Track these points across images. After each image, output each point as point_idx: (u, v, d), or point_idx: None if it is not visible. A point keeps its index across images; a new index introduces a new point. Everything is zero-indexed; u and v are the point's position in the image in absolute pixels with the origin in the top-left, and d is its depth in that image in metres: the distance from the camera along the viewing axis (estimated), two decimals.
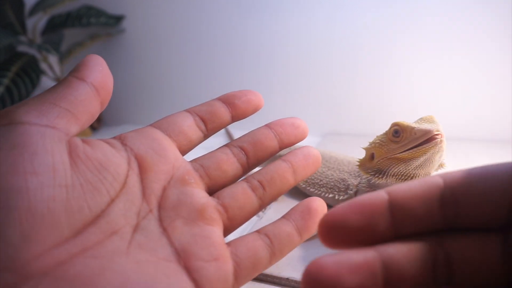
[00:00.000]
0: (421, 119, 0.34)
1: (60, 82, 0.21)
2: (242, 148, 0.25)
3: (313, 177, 0.46)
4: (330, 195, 0.43)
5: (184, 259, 0.21)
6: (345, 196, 0.42)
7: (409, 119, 0.36)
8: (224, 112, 0.26)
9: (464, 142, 0.66)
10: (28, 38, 0.85)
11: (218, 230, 0.23)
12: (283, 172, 0.25)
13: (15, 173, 0.17)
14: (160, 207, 0.22)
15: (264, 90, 0.88)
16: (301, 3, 0.76)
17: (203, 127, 0.26)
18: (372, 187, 0.37)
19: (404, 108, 0.72)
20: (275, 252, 0.23)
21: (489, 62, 0.65)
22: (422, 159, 0.31)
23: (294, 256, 0.34)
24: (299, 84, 0.81)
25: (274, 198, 0.25)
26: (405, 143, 0.31)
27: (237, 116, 0.26)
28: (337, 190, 0.43)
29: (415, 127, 0.31)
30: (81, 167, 0.19)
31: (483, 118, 0.67)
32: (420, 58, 0.70)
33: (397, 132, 0.32)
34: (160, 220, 0.22)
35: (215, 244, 0.22)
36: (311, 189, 0.45)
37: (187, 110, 0.26)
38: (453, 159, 0.59)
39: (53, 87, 0.21)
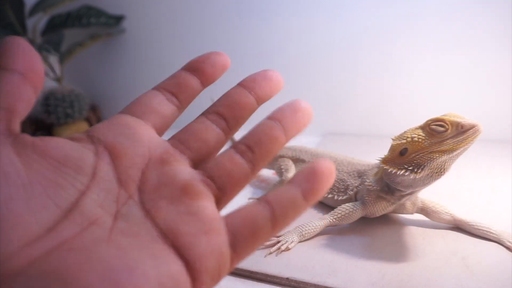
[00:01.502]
0: (445, 115, 0.35)
1: None
2: (218, 113, 0.24)
3: None
4: (329, 195, 0.43)
5: (172, 239, 0.20)
6: (344, 197, 0.41)
7: (408, 118, 0.36)
8: (192, 80, 0.25)
9: None
10: (28, 38, 0.85)
11: (207, 203, 0.21)
12: (271, 130, 0.23)
13: None
14: (140, 191, 0.21)
15: None
16: (301, 4, 0.76)
17: (174, 100, 0.24)
18: (391, 183, 0.36)
19: (404, 108, 0.72)
20: (277, 218, 0.21)
21: (489, 62, 0.65)
22: (462, 148, 0.33)
23: (294, 257, 0.34)
24: (299, 84, 0.81)
25: (266, 160, 0.23)
26: (450, 136, 0.33)
27: (207, 81, 0.25)
28: (336, 190, 0.43)
29: (462, 121, 0.33)
30: (35, 166, 0.19)
31: (483, 118, 0.67)
32: (420, 58, 0.70)
33: (441, 127, 0.33)
34: (143, 204, 0.21)
35: (205, 218, 0.21)
36: None
37: (154, 88, 0.25)
38: None
39: None
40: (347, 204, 0.38)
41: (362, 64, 0.74)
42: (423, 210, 0.39)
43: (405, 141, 0.34)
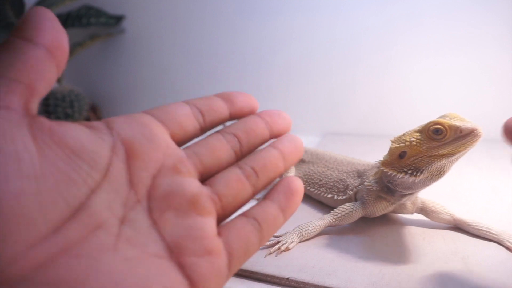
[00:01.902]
0: (445, 116, 0.34)
1: (3, 47, 0.18)
2: (235, 135, 0.24)
3: (312, 177, 0.46)
4: (329, 195, 0.43)
5: (177, 255, 0.20)
6: (344, 197, 0.41)
7: (409, 118, 0.36)
8: (223, 107, 0.25)
9: None
10: None
11: (211, 221, 0.22)
12: (275, 159, 0.24)
13: None
14: (149, 197, 0.21)
15: (265, 90, 0.89)
16: (302, 5, 0.76)
17: (200, 118, 0.24)
18: (391, 185, 0.36)
19: (404, 108, 0.72)
20: (264, 236, 0.23)
21: (489, 62, 0.65)
22: (462, 152, 0.32)
23: (294, 257, 0.34)
24: (300, 84, 0.81)
25: (265, 186, 0.24)
26: (448, 141, 0.32)
27: (235, 113, 0.25)
28: (336, 190, 0.43)
29: (461, 125, 0.31)
30: (50, 155, 0.17)
31: (483, 117, 0.67)
32: (420, 58, 0.70)
33: (438, 131, 0.32)
34: (150, 211, 0.20)
35: (208, 237, 0.21)
36: (311, 189, 0.45)
37: (185, 101, 0.24)
38: None
39: None
40: (347, 204, 0.38)
41: (362, 64, 0.74)
42: (423, 210, 0.39)
43: (403, 144, 0.34)
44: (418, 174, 0.33)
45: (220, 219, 0.23)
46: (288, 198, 0.24)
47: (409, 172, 0.33)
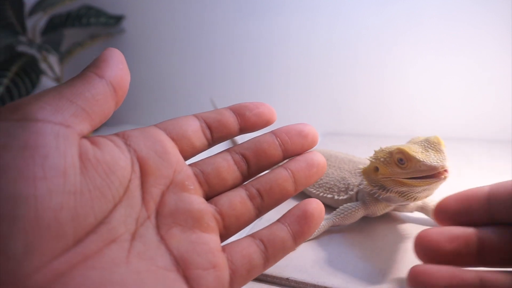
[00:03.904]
0: (427, 140, 0.32)
1: (78, 77, 0.20)
2: (244, 156, 0.24)
3: None
4: (329, 195, 0.43)
5: (183, 268, 0.21)
6: (345, 196, 0.41)
7: (409, 118, 0.36)
8: (233, 123, 0.24)
9: (464, 142, 0.66)
10: (28, 38, 0.85)
11: (215, 237, 0.22)
12: (283, 181, 0.24)
13: (24, 179, 0.16)
14: (158, 213, 0.21)
15: (265, 90, 0.89)
16: (302, 5, 0.76)
17: (208, 134, 0.24)
18: (373, 194, 0.37)
19: (404, 108, 0.72)
20: (269, 259, 0.23)
21: (489, 62, 0.65)
22: (424, 187, 0.31)
23: (294, 257, 0.34)
24: (300, 84, 0.81)
25: (271, 208, 0.24)
26: (410, 172, 0.31)
27: (246, 128, 0.25)
28: (336, 190, 0.42)
29: (421, 161, 0.30)
30: (91, 171, 0.18)
31: (483, 118, 0.67)
32: (420, 58, 0.70)
33: (402, 160, 0.31)
34: (158, 227, 0.21)
35: (213, 251, 0.22)
36: (309, 189, 0.45)
37: (195, 115, 0.24)
38: (453, 159, 0.59)
39: (70, 82, 0.20)
40: (349, 204, 0.38)
41: (362, 64, 0.74)
42: (423, 209, 0.39)
43: (377, 161, 0.34)
44: (384, 192, 0.33)
45: (222, 238, 0.23)
46: (300, 223, 0.23)
47: (376, 187, 0.34)
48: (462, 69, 0.67)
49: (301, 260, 0.33)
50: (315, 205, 0.24)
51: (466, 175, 0.52)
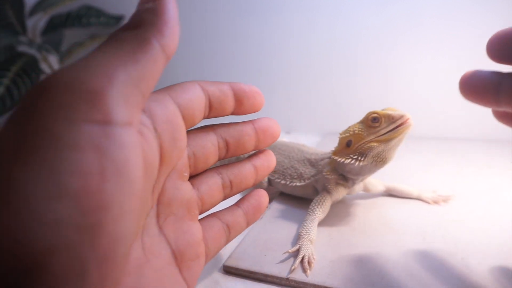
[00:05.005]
0: (386, 109, 0.39)
1: (141, 46, 0.17)
2: (227, 143, 0.25)
3: None
4: (282, 181, 0.46)
5: (179, 260, 0.21)
6: (301, 183, 0.44)
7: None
8: (230, 107, 0.25)
9: (464, 142, 0.66)
10: (28, 38, 0.85)
11: (198, 225, 0.24)
12: (250, 177, 0.27)
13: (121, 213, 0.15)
14: (159, 202, 0.21)
15: (265, 91, 0.88)
16: (301, 5, 0.76)
17: (207, 113, 0.24)
18: (343, 172, 0.40)
19: (404, 108, 0.71)
20: (228, 240, 0.26)
21: (489, 62, 0.65)
22: (397, 139, 0.36)
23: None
24: (300, 84, 0.81)
25: (233, 196, 0.27)
26: (384, 127, 0.37)
27: (237, 113, 0.26)
28: (289, 177, 0.46)
29: (392, 113, 0.37)
30: (144, 175, 0.17)
31: (483, 118, 0.67)
32: (420, 58, 0.70)
33: (376, 119, 0.37)
34: (157, 217, 0.21)
35: (199, 241, 0.23)
36: (270, 177, 0.48)
37: (202, 88, 0.23)
38: (453, 159, 0.59)
39: (133, 53, 0.16)
40: (317, 197, 0.41)
41: (362, 64, 0.74)
42: (365, 187, 0.45)
43: (348, 134, 0.39)
44: (363, 159, 0.37)
45: None
46: (255, 213, 0.28)
47: (354, 157, 0.37)
48: (462, 69, 0.67)
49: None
50: (265, 198, 0.28)
51: (466, 175, 0.53)
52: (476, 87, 0.23)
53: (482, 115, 0.67)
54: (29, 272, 0.12)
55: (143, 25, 0.17)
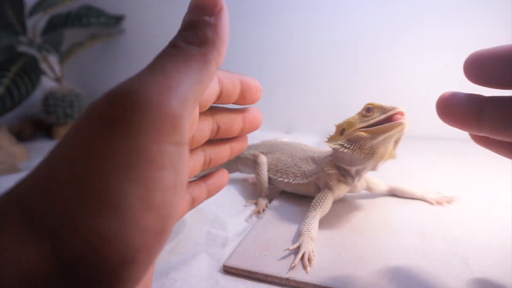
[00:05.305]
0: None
1: (202, 64, 0.19)
2: (219, 127, 0.27)
3: (271, 165, 0.50)
4: (285, 180, 0.46)
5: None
6: (304, 181, 0.45)
7: (409, 118, 0.36)
8: (234, 98, 0.27)
9: (464, 142, 0.66)
10: (28, 38, 0.85)
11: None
12: (225, 157, 0.30)
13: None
14: None
15: (266, 90, 0.88)
16: (302, 5, 0.76)
17: (214, 100, 0.26)
18: (337, 162, 0.41)
19: (404, 108, 0.71)
20: (189, 210, 0.29)
21: None
22: (386, 135, 0.36)
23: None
24: (299, 84, 0.81)
25: (205, 170, 0.30)
26: (374, 117, 0.37)
27: (236, 103, 0.27)
28: (292, 175, 0.46)
29: (385, 104, 0.37)
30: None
31: None
32: (420, 58, 0.70)
33: (369, 109, 0.38)
34: None
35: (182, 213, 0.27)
36: (270, 175, 0.49)
37: (218, 77, 0.26)
38: (453, 159, 0.59)
39: (195, 72, 0.18)
40: (319, 194, 0.41)
41: (362, 64, 0.74)
42: (368, 186, 0.46)
43: (343, 122, 0.41)
44: (351, 147, 0.38)
45: None
46: (217, 189, 0.30)
47: (343, 144, 0.39)
48: (462, 69, 0.67)
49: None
50: (227, 179, 0.31)
51: (466, 174, 0.52)
52: (455, 111, 0.22)
53: None
54: (121, 265, 0.15)
55: (206, 44, 0.19)
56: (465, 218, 0.40)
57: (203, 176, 0.30)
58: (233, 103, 0.27)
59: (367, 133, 0.37)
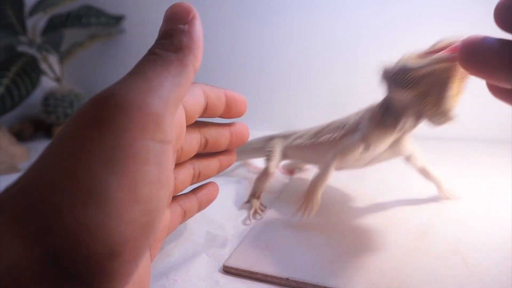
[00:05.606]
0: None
1: (182, 71, 0.20)
2: (206, 141, 0.29)
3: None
4: (325, 136, 0.44)
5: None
6: (342, 132, 0.42)
7: None
8: (219, 112, 0.28)
9: (464, 142, 0.66)
10: (28, 38, 0.85)
11: (168, 211, 0.28)
12: (215, 170, 0.31)
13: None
14: None
15: (266, 90, 0.89)
16: (302, 5, 0.76)
17: (200, 114, 0.28)
18: (388, 101, 0.39)
19: None
20: (184, 221, 0.30)
21: None
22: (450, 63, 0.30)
23: (294, 256, 0.34)
24: (300, 84, 0.81)
25: (194, 184, 0.31)
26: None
27: (221, 117, 0.29)
28: (332, 132, 0.44)
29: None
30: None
31: (483, 118, 0.67)
32: None
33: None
34: None
35: (166, 225, 0.28)
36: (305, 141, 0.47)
37: (204, 92, 0.28)
38: (453, 159, 0.59)
39: (177, 77, 0.20)
40: (348, 139, 0.38)
41: (362, 64, 0.74)
42: (408, 156, 0.42)
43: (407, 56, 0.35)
44: (411, 86, 0.32)
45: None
46: (207, 201, 0.32)
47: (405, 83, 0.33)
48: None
49: (301, 260, 0.33)
50: (217, 191, 0.32)
51: (466, 175, 0.52)
52: (484, 57, 0.20)
53: (483, 115, 0.67)
54: (108, 257, 0.16)
55: (182, 49, 0.21)
56: (465, 218, 0.40)
57: (194, 189, 0.32)
58: (220, 117, 0.29)
59: (432, 74, 0.31)
